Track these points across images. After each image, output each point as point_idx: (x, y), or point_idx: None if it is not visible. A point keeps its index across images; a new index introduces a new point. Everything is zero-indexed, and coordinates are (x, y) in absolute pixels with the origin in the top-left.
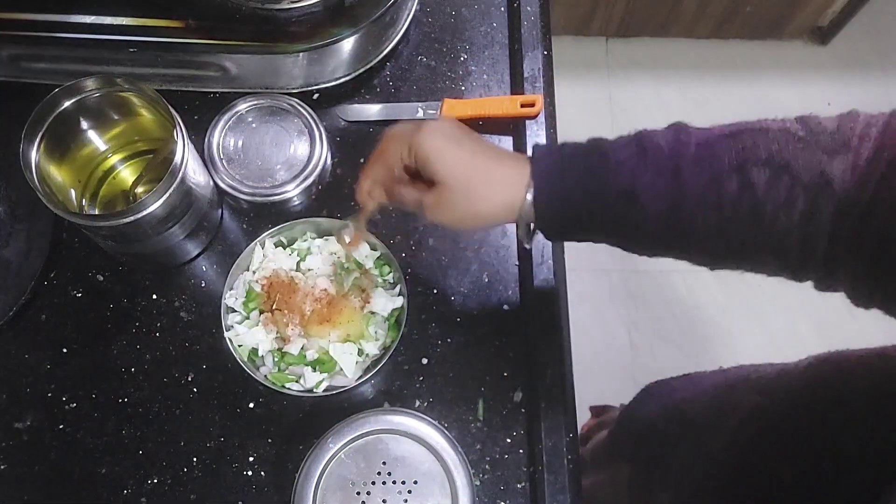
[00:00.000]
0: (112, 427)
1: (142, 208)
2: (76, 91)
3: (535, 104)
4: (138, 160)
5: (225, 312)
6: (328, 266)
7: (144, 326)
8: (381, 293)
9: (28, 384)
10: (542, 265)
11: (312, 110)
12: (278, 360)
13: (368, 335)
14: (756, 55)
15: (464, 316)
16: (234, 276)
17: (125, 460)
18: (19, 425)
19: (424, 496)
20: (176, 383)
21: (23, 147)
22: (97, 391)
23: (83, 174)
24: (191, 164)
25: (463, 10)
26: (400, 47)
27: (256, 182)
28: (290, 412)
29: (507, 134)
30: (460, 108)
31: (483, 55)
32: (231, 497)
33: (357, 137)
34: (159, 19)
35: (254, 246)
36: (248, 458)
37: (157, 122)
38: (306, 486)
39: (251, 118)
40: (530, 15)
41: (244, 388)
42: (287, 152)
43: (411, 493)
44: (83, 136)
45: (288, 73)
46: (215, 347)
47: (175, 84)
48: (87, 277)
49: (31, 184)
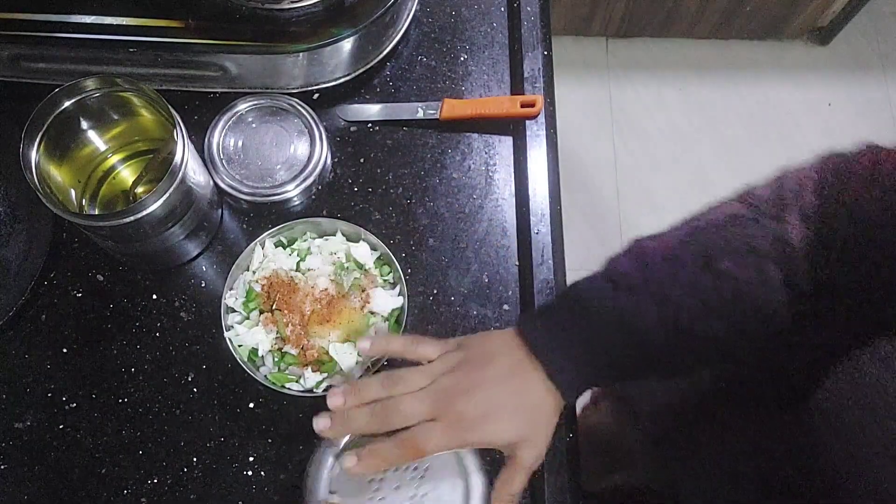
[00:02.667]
0: (112, 427)
1: (142, 208)
2: (76, 91)
3: (535, 104)
4: (138, 160)
5: (225, 312)
6: (328, 266)
7: (144, 326)
8: (381, 293)
9: (28, 384)
10: (542, 265)
11: (312, 110)
12: (278, 360)
13: (368, 335)
14: (756, 55)
15: (463, 315)
16: (234, 276)
17: (125, 460)
18: (19, 425)
19: (437, 481)
20: (176, 383)
21: (23, 147)
22: (97, 391)
23: (83, 174)
24: (191, 164)
25: (463, 10)
26: (400, 47)
27: (256, 182)
28: (290, 412)
29: (507, 134)
30: (460, 108)
31: (483, 55)
32: (231, 497)
33: (357, 137)
34: (159, 19)
35: (254, 246)
36: (248, 458)
37: (157, 122)
38: (320, 472)
39: (251, 118)
40: (530, 15)
41: (244, 388)
42: (287, 152)
43: (423, 478)
44: (83, 136)
45: (288, 73)
46: (215, 347)
47: (175, 84)
48: (87, 277)
49: (31, 184)
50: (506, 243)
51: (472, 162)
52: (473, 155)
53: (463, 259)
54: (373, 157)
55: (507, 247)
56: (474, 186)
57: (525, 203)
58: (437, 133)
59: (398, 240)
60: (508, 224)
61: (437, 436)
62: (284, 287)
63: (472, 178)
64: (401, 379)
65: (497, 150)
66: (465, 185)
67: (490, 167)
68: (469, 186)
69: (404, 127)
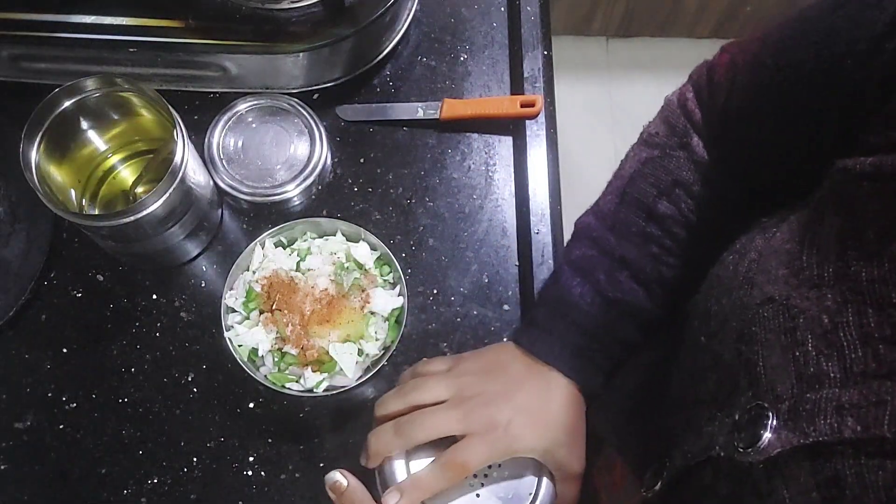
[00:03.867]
0: (112, 427)
1: (142, 208)
2: (76, 91)
3: (535, 104)
4: (138, 160)
5: (225, 312)
6: (328, 266)
7: (144, 326)
8: (381, 293)
9: (28, 384)
10: (542, 265)
11: (312, 110)
12: (278, 360)
13: (368, 335)
14: None
15: (463, 315)
16: (234, 276)
17: (125, 460)
18: (19, 425)
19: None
20: (176, 383)
21: (23, 147)
22: (97, 391)
23: (83, 174)
24: (191, 164)
25: (463, 10)
26: (400, 47)
27: (256, 182)
28: (290, 412)
29: (507, 134)
30: (460, 108)
31: (483, 55)
32: (231, 497)
33: (357, 137)
34: (159, 19)
35: (254, 246)
36: (248, 458)
37: (157, 122)
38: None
39: (251, 118)
40: (530, 15)
41: (244, 388)
42: (287, 152)
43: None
44: (83, 136)
45: (288, 73)
46: (215, 347)
47: (175, 84)
48: (87, 277)
49: (31, 184)
50: (506, 243)
51: (472, 162)
52: (473, 155)
53: (463, 259)
54: (373, 157)
55: (507, 247)
56: (474, 186)
57: (525, 203)
58: (437, 133)
59: (398, 240)
60: (508, 224)
61: (479, 449)
62: (284, 287)
63: (472, 178)
64: (418, 387)
65: (497, 150)
66: (465, 185)
67: (490, 167)
68: (469, 186)
69: (404, 127)
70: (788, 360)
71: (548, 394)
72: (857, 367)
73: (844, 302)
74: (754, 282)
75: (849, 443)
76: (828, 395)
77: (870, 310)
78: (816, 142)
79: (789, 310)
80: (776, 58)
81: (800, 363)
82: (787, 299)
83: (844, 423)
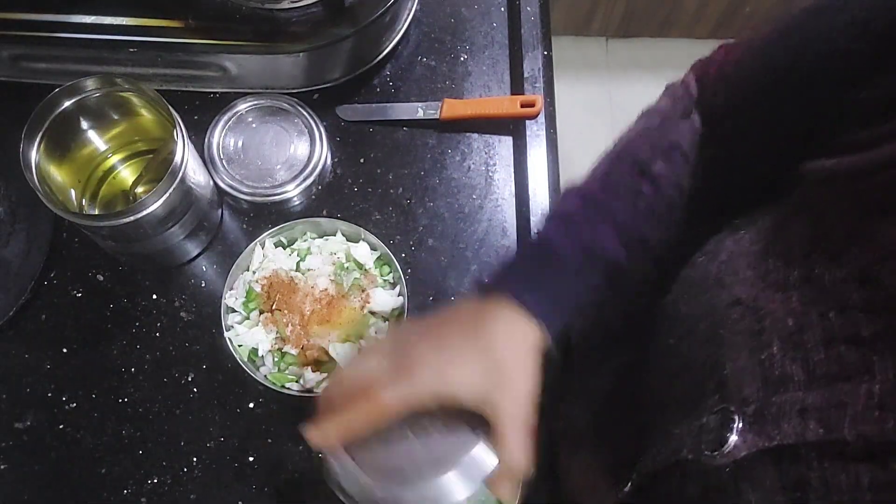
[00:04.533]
0: (112, 427)
1: (142, 208)
2: (76, 91)
3: (535, 104)
4: (138, 160)
5: (225, 312)
6: (328, 266)
7: (144, 326)
8: (381, 293)
9: (28, 384)
10: None
11: (312, 110)
12: (278, 360)
13: (368, 335)
14: None
15: None
16: (234, 276)
17: (125, 460)
18: (19, 425)
19: None
20: (176, 383)
21: (23, 147)
22: (97, 391)
23: (83, 174)
24: (191, 164)
25: (463, 10)
26: (400, 47)
27: (256, 182)
28: (290, 412)
29: (507, 134)
30: (460, 108)
31: (483, 55)
32: (231, 497)
33: (357, 137)
34: (159, 19)
35: (254, 246)
36: (248, 458)
37: (157, 122)
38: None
39: (251, 118)
40: (530, 15)
41: (244, 388)
42: (287, 152)
43: None
44: (83, 136)
45: (288, 73)
46: (215, 347)
47: (175, 84)
48: (87, 277)
49: (31, 184)
50: (506, 243)
51: (472, 162)
52: (473, 155)
53: (463, 259)
54: (373, 157)
55: (507, 247)
56: (474, 186)
57: (525, 203)
58: (437, 133)
59: (398, 240)
60: (508, 224)
61: (390, 384)
62: (284, 287)
63: (472, 178)
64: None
65: (497, 150)
66: (465, 185)
67: (490, 167)
68: (469, 186)
69: (404, 127)
70: (755, 363)
71: (492, 329)
72: (821, 369)
73: (809, 304)
74: (723, 283)
75: (812, 445)
76: (792, 397)
77: (832, 312)
78: (791, 143)
79: (756, 312)
80: (759, 60)
81: (765, 366)
82: (755, 301)
83: (807, 426)
